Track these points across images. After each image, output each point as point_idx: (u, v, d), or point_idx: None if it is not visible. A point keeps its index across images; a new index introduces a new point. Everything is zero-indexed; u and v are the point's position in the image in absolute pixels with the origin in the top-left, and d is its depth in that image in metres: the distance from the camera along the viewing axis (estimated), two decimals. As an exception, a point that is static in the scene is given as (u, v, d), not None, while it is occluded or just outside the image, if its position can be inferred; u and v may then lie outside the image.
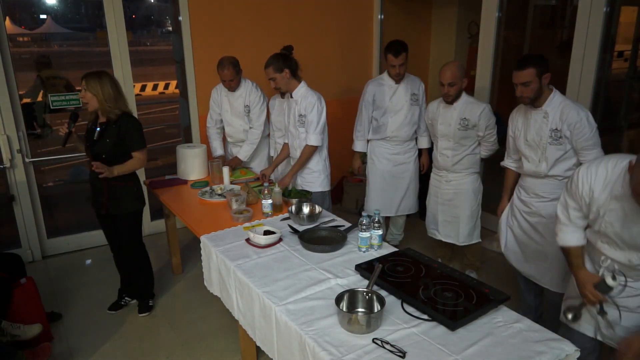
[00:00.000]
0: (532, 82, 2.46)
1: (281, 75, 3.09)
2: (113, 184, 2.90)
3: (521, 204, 2.79)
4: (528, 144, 2.65)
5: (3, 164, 3.76)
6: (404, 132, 3.64)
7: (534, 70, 2.43)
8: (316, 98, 3.13)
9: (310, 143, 3.16)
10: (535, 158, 2.63)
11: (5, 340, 2.67)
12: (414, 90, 3.59)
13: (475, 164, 3.29)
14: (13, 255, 3.20)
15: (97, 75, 2.78)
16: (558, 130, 2.50)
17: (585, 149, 2.47)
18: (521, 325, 1.75)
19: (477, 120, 3.08)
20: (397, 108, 3.59)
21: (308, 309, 1.88)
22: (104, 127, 2.84)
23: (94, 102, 2.77)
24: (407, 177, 3.80)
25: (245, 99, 3.72)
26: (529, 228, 2.77)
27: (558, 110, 2.50)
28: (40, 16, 4.89)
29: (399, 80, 3.56)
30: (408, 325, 1.76)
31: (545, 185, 2.65)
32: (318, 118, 3.12)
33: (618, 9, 3.94)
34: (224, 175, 3.31)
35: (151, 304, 3.31)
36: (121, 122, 2.83)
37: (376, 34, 5.22)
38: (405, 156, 3.74)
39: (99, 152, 2.84)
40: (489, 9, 4.05)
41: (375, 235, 2.33)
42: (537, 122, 2.58)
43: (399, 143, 3.69)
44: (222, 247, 2.42)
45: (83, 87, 2.76)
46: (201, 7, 4.21)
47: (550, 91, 2.54)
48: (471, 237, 3.44)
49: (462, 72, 3.06)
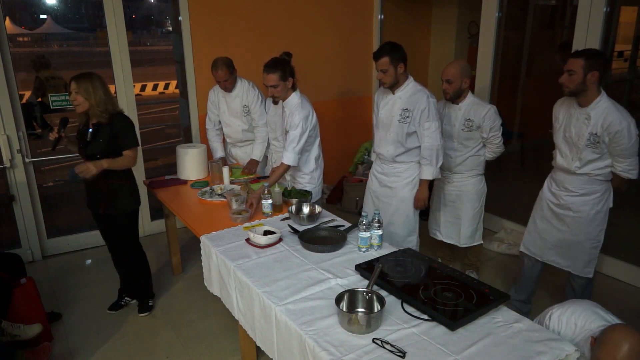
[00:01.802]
0: (576, 73, 2.46)
1: (285, 84, 3.01)
2: (109, 183, 2.90)
3: (551, 196, 2.83)
4: (565, 139, 2.67)
5: (3, 164, 3.75)
6: (386, 151, 3.08)
7: (583, 62, 2.44)
8: (302, 117, 2.99)
9: (285, 161, 3.02)
10: (570, 155, 2.66)
11: (5, 340, 2.67)
12: (409, 105, 2.93)
13: (479, 166, 3.27)
14: (13, 255, 3.20)
15: (88, 78, 2.75)
16: (597, 136, 2.51)
17: (621, 156, 2.51)
18: (521, 325, 1.75)
19: (482, 122, 3.06)
20: (383, 121, 3.07)
21: (308, 309, 1.88)
22: (96, 127, 2.83)
23: (84, 105, 2.76)
24: (392, 204, 3.15)
25: (243, 99, 3.70)
26: (554, 218, 2.82)
27: (602, 115, 2.48)
28: (40, 16, 4.89)
29: (393, 89, 2.99)
30: (408, 325, 1.76)
31: (575, 181, 2.69)
32: (299, 138, 3.00)
33: (618, 9, 3.94)
34: (224, 175, 3.31)
35: (151, 304, 3.30)
36: (114, 122, 2.82)
37: (376, 34, 5.22)
38: (390, 179, 3.14)
39: (92, 152, 2.83)
40: (489, 9, 4.05)
41: (375, 235, 2.33)
42: (579, 121, 2.58)
43: (385, 161, 3.16)
44: (222, 247, 2.42)
45: (74, 90, 2.74)
46: (201, 7, 4.21)
47: (598, 94, 2.51)
48: (472, 239, 3.43)
49: (464, 72, 3.03)
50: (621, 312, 2.27)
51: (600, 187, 2.65)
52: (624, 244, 3.98)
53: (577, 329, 1.78)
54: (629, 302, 3.31)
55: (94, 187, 2.93)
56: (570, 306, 1.86)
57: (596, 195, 2.66)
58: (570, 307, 1.86)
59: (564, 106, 2.71)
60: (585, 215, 2.69)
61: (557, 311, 1.87)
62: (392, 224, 3.16)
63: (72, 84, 2.74)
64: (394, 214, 3.16)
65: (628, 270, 3.54)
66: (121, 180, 2.94)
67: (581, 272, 2.80)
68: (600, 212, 2.69)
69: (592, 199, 2.67)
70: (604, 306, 1.90)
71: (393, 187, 3.14)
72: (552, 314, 1.89)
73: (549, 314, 1.92)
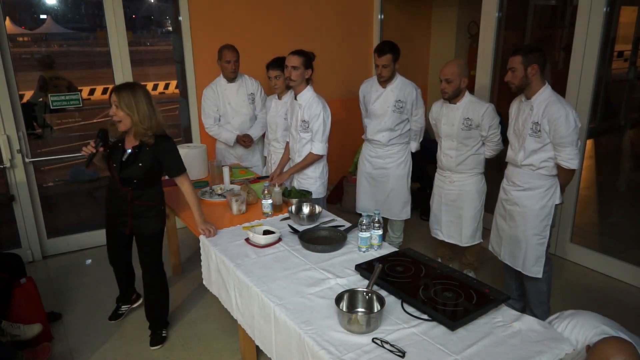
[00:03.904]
0: (517, 70, 2.63)
1: (304, 71, 3.08)
2: (138, 204, 2.64)
3: (502, 192, 2.98)
4: (514, 132, 2.82)
5: (3, 164, 3.75)
6: (381, 137, 3.53)
7: (521, 59, 2.60)
8: (321, 107, 3.11)
9: (315, 152, 3.17)
10: (517, 147, 2.79)
11: (5, 340, 2.67)
12: (401, 97, 3.41)
13: (479, 165, 3.28)
14: (13, 255, 3.20)
15: (130, 89, 2.42)
16: (538, 124, 2.63)
17: (560, 145, 2.60)
18: (521, 325, 1.75)
19: (480, 120, 3.07)
20: (378, 113, 3.50)
21: (307, 308, 1.88)
22: (137, 149, 2.52)
23: (126, 122, 2.43)
24: (388, 182, 3.63)
25: (247, 88, 3.87)
26: (506, 215, 2.94)
27: (543, 104, 2.62)
28: (41, 16, 4.89)
29: (384, 84, 3.44)
30: (408, 325, 1.76)
31: (521, 174, 2.80)
32: (324, 127, 3.13)
33: (618, 9, 3.95)
34: (224, 175, 3.31)
35: (164, 335, 2.95)
36: (157, 145, 2.51)
37: (376, 34, 5.22)
38: (386, 161, 3.59)
39: (129, 176, 2.54)
40: (489, 9, 4.05)
41: (375, 235, 2.33)
42: (524, 113, 2.73)
43: (379, 146, 3.59)
44: (222, 246, 2.42)
45: (114, 104, 2.42)
46: (201, 7, 4.21)
47: (542, 85, 2.65)
48: (473, 238, 3.43)
49: (462, 71, 3.05)
50: (621, 312, 2.28)
51: (545, 182, 2.73)
52: (624, 244, 3.99)
53: (579, 345, 1.74)
54: (629, 302, 3.31)
55: (120, 207, 2.66)
56: (572, 319, 1.80)
57: (540, 190, 2.75)
58: (571, 320, 1.80)
59: (516, 102, 2.87)
60: (529, 210, 2.78)
61: (557, 327, 1.82)
62: (390, 199, 3.68)
63: (112, 96, 2.43)
64: (391, 191, 3.65)
65: (628, 270, 3.54)
66: (151, 202, 2.68)
67: (530, 272, 2.84)
68: (545, 207, 2.76)
69: (536, 193, 2.76)
70: (604, 306, 1.89)
71: (388, 167, 3.61)
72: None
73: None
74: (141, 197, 2.64)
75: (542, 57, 2.61)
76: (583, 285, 3.56)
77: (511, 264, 2.95)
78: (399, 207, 3.69)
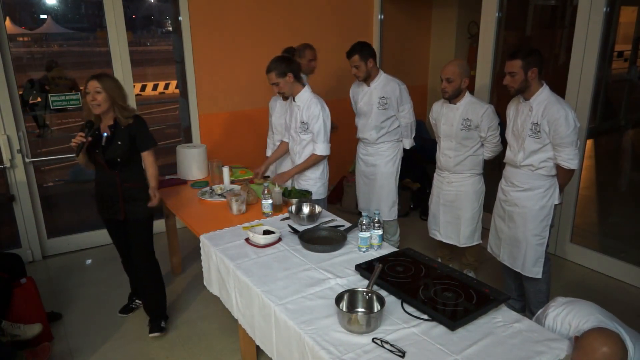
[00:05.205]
0: (518, 74, 2.62)
1: (284, 80, 3.05)
2: (127, 187, 2.79)
3: (501, 193, 2.98)
4: (513, 133, 2.83)
5: (3, 164, 3.76)
6: (369, 135, 3.62)
7: (521, 63, 2.59)
8: (320, 107, 3.09)
9: (318, 153, 3.15)
10: (516, 147, 2.80)
11: (5, 340, 2.67)
12: (384, 93, 3.49)
13: (477, 166, 3.27)
14: (13, 255, 3.20)
15: (109, 76, 2.66)
16: (537, 125, 2.64)
17: (560, 145, 2.61)
18: (521, 325, 1.75)
19: (480, 121, 3.07)
20: (364, 110, 3.61)
21: (307, 308, 1.88)
22: (112, 129, 2.70)
23: (104, 106, 2.62)
24: (377, 180, 3.69)
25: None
26: (505, 215, 2.94)
27: (542, 105, 2.63)
28: (41, 16, 4.89)
29: (367, 82, 3.55)
30: (408, 325, 1.76)
31: (520, 175, 2.80)
32: (324, 128, 3.12)
33: (618, 9, 3.95)
34: (224, 175, 3.31)
35: (163, 325, 3.03)
36: (131, 124, 2.72)
37: (376, 34, 5.22)
38: (374, 158, 3.67)
39: (112, 156, 2.71)
40: (489, 9, 4.05)
41: (375, 235, 2.33)
42: (523, 114, 2.73)
43: (369, 144, 3.68)
44: (222, 246, 2.42)
45: (94, 89, 2.59)
46: (201, 7, 4.21)
47: (540, 86, 2.66)
48: (472, 239, 3.43)
49: (463, 71, 3.04)
50: (621, 312, 2.27)
51: (544, 182, 2.74)
52: (624, 244, 3.99)
53: (572, 329, 1.77)
54: (629, 302, 3.31)
55: (111, 193, 2.79)
56: (568, 306, 1.85)
57: (540, 190, 2.75)
58: (567, 306, 1.84)
59: (514, 104, 2.87)
60: (529, 211, 2.78)
61: (553, 311, 1.86)
62: (378, 197, 3.73)
63: (92, 83, 2.59)
64: (380, 188, 3.70)
65: (628, 270, 3.54)
66: (139, 183, 2.82)
67: (530, 272, 2.84)
68: (544, 207, 2.77)
69: (535, 194, 2.76)
70: (604, 306, 1.89)
71: (377, 165, 3.67)
72: (547, 314, 1.88)
73: (545, 312, 1.91)
74: (129, 180, 2.79)
75: (540, 58, 2.62)
76: (583, 285, 3.56)
77: (510, 265, 2.95)
78: (387, 207, 3.74)
